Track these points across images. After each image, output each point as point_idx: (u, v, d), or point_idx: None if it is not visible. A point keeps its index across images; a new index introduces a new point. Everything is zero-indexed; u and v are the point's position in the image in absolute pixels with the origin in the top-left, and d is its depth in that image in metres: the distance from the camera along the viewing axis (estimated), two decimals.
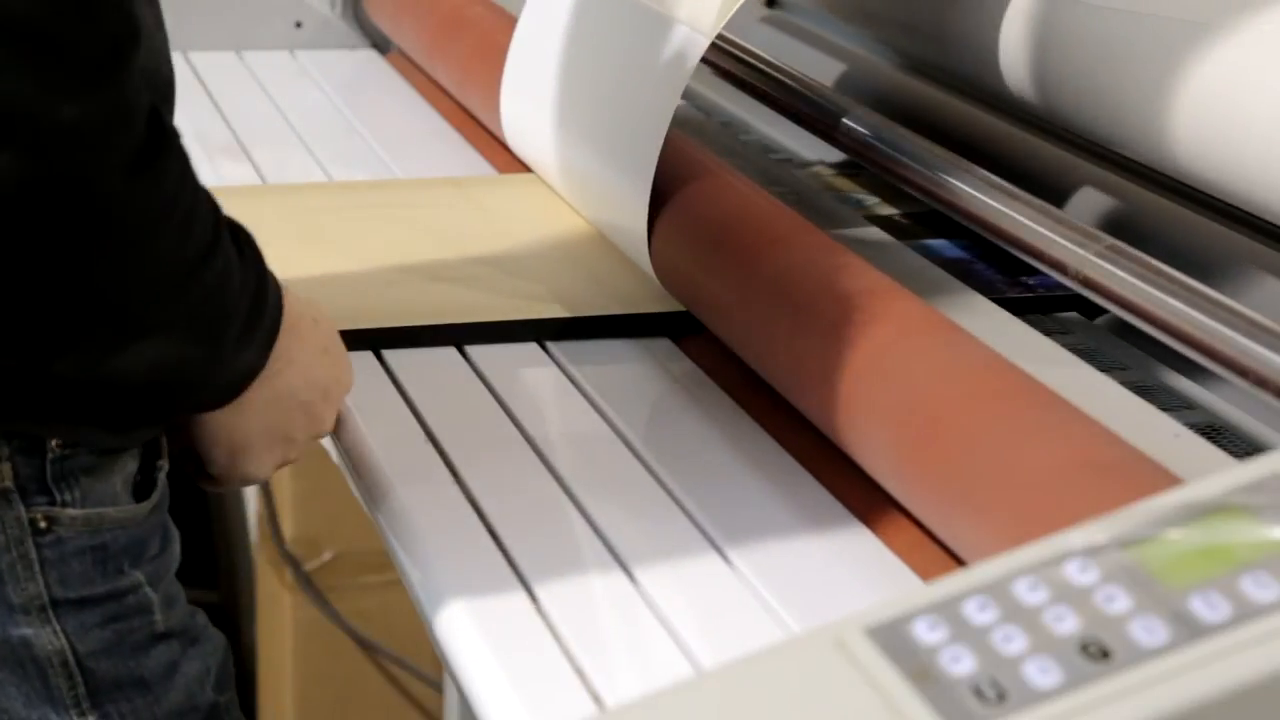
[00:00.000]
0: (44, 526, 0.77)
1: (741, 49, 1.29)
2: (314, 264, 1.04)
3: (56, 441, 0.77)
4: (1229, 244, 1.02)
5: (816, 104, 1.20)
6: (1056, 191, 1.12)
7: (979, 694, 0.50)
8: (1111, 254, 0.91)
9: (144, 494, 0.82)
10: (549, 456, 0.86)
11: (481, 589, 0.74)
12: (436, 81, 1.47)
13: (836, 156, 1.29)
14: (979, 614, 0.52)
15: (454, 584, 0.75)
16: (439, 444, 0.87)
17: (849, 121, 1.16)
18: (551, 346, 0.99)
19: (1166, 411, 0.90)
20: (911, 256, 1.10)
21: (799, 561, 0.78)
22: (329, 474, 1.36)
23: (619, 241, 1.08)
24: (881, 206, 1.21)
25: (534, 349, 0.99)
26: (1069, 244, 0.94)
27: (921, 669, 0.51)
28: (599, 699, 0.67)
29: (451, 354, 0.98)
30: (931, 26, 1.22)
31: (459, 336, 0.99)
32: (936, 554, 0.77)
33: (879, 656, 0.51)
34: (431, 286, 1.04)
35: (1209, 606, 0.51)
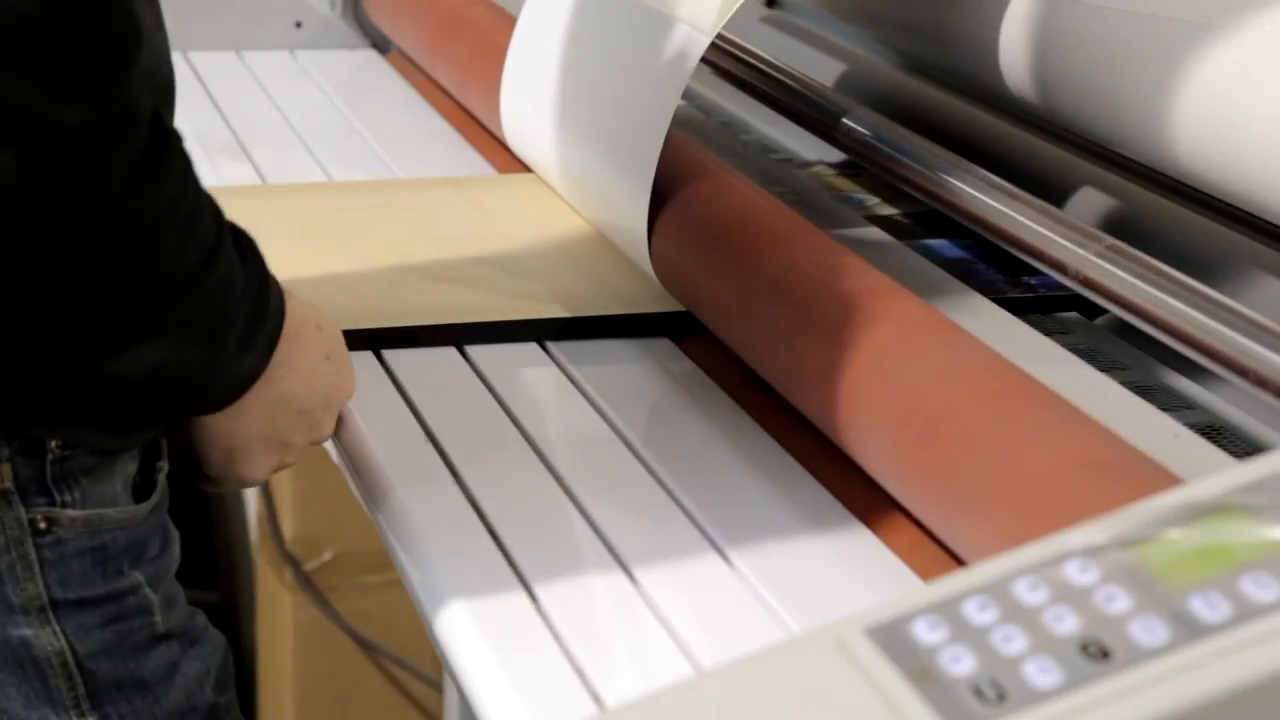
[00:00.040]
0: (44, 527, 0.77)
1: (741, 49, 1.29)
2: (314, 264, 1.04)
3: (56, 443, 0.77)
4: (1229, 244, 1.02)
5: (816, 104, 1.20)
6: (1056, 191, 1.12)
7: (979, 694, 0.50)
8: (1111, 254, 0.91)
9: (144, 495, 0.82)
10: (549, 456, 0.86)
11: (481, 589, 0.74)
12: (436, 81, 1.47)
13: (836, 156, 1.29)
14: (979, 614, 0.52)
15: (454, 584, 0.75)
16: (439, 444, 0.87)
17: (849, 121, 1.16)
18: (551, 346, 0.99)
19: (1166, 411, 0.90)
20: (911, 256, 1.10)
21: (799, 561, 0.78)
22: (329, 474, 1.36)
23: (619, 241, 1.08)
24: (881, 206, 1.21)
25: (534, 349, 0.99)
26: (1069, 244, 0.94)
27: (921, 669, 0.51)
28: (599, 699, 0.67)
29: (451, 354, 0.98)
30: (931, 26, 1.22)
31: (459, 336, 0.99)
32: (937, 554, 0.77)
33: (879, 656, 0.51)
34: (431, 286, 1.04)
35: (1209, 606, 0.51)
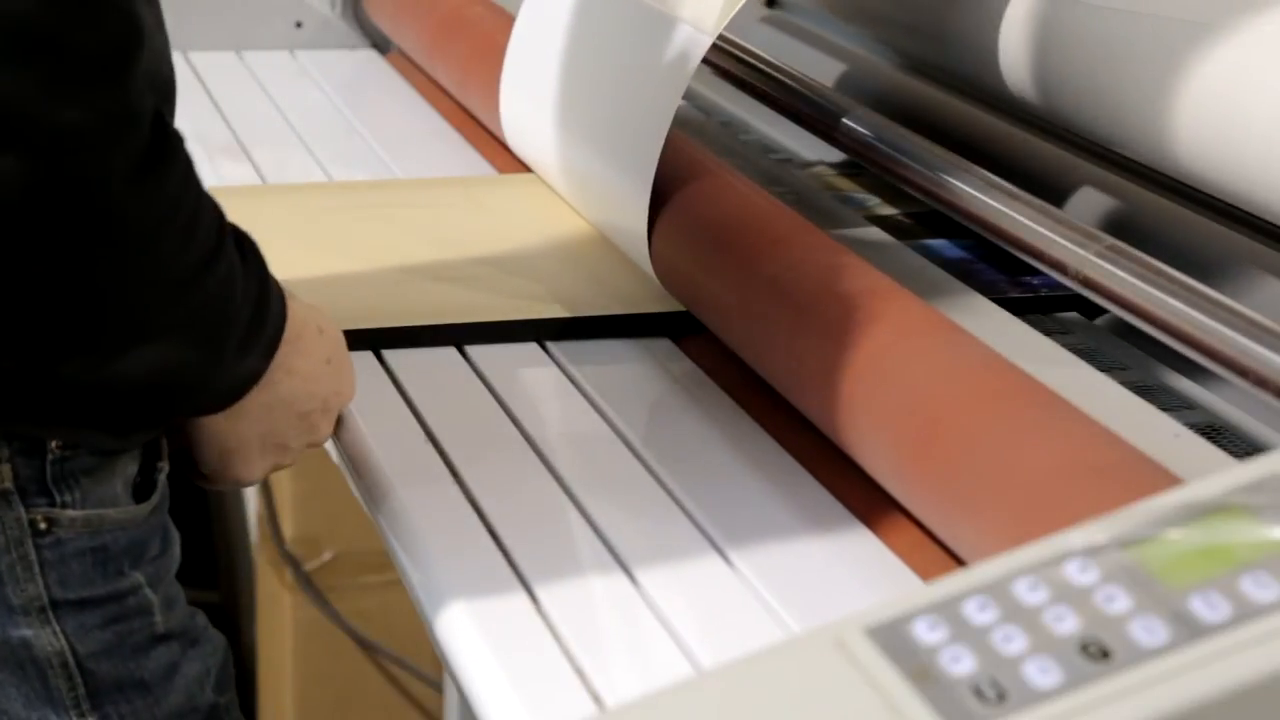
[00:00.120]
0: (44, 528, 0.77)
1: (741, 49, 1.29)
2: (314, 264, 1.05)
3: (57, 443, 0.77)
4: (1229, 244, 1.02)
5: (816, 104, 1.20)
6: (1056, 191, 1.12)
7: (979, 694, 0.50)
8: (1111, 254, 0.91)
9: (144, 495, 0.82)
10: (549, 456, 0.86)
11: (481, 589, 0.74)
12: (436, 81, 1.47)
13: (836, 156, 1.29)
14: (979, 614, 0.52)
15: (454, 584, 0.75)
16: (439, 444, 0.87)
17: (849, 121, 1.16)
18: (551, 346, 0.99)
19: (1166, 411, 0.90)
20: (912, 256, 1.10)
21: (799, 562, 0.78)
22: (329, 474, 1.36)
23: (619, 241, 1.08)
24: (882, 206, 1.21)
25: (534, 349, 0.99)
26: (1069, 244, 0.94)
27: (921, 669, 0.51)
28: (599, 699, 0.67)
29: (451, 354, 0.98)
30: (931, 26, 1.22)
31: (459, 336, 0.99)
32: (937, 554, 0.77)
33: (879, 656, 0.51)
34: (431, 286, 1.04)
35: (1209, 606, 0.51)
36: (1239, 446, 0.88)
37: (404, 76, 1.55)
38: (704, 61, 1.01)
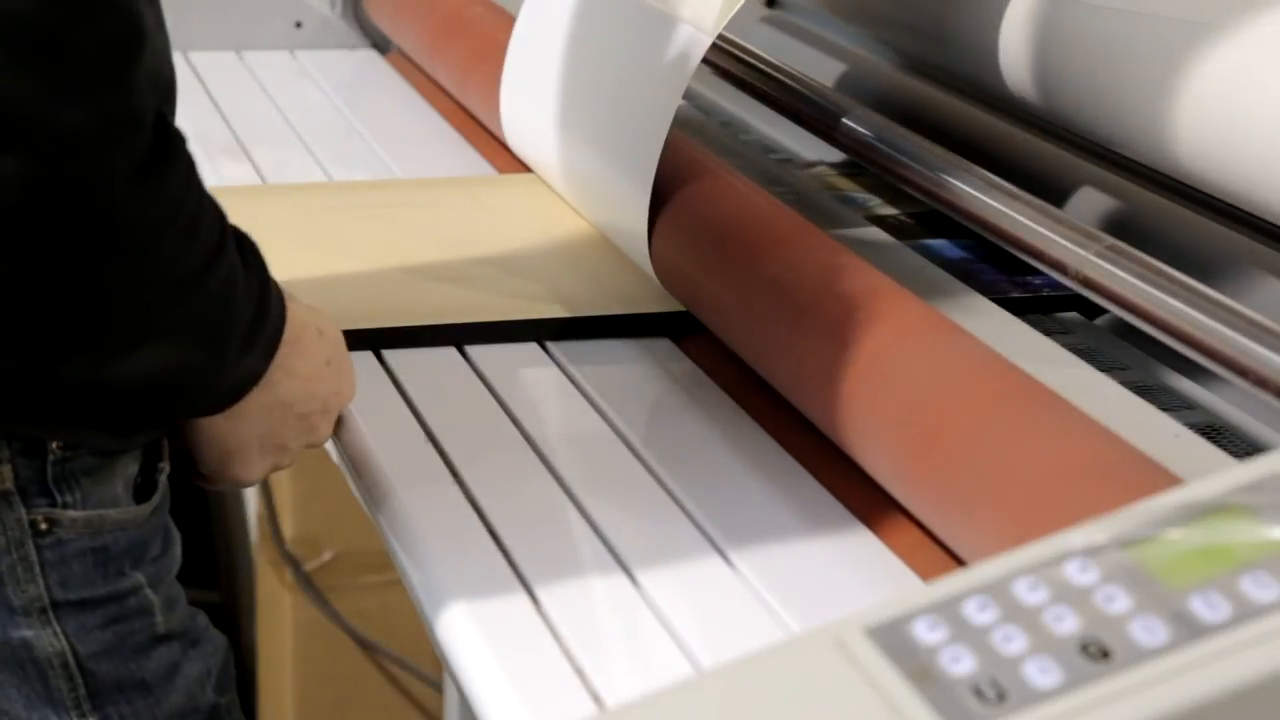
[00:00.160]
0: (45, 528, 0.77)
1: (741, 49, 1.29)
2: (314, 264, 1.04)
3: (57, 443, 0.77)
4: (1229, 244, 1.02)
5: (816, 104, 1.20)
6: (1056, 191, 1.12)
7: (979, 694, 0.50)
8: (1111, 254, 0.91)
9: (145, 496, 0.82)
10: (549, 456, 0.86)
11: (481, 589, 0.74)
12: (436, 81, 1.47)
13: (836, 156, 1.29)
14: (979, 614, 0.52)
15: (454, 584, 0.75)
16: (439, 444, 0.87)
17: (849, 121, 1.16)
18: (551, 346, 0.99)
19: (1166, 411, 0.90)
20: (912, 257, 1.10)
21: (800, 562, 0.78)
22: (329, 474, 1.36)
23: (619, 241, 1.08)
24: (882, 207, 1.21)
25: (534, 349, 0.99)
26: (1069, 244, 0.94)
27: (921, 669, 0.51)
28: (599, 699, 0.67)
29: (451, 354, 0.98)
30: (931, 26, 1.22)
31: (459, 336, 0.99)
32: (938, 555, 0.77)
33: (879, 656, 0.51)
34: (432, 286, 1.04)
35: (1209, 606, 0.51)
36: (1239, 446, 0.88)
37: (404, 76, 1.55)
38: (704, 61, 1.01)
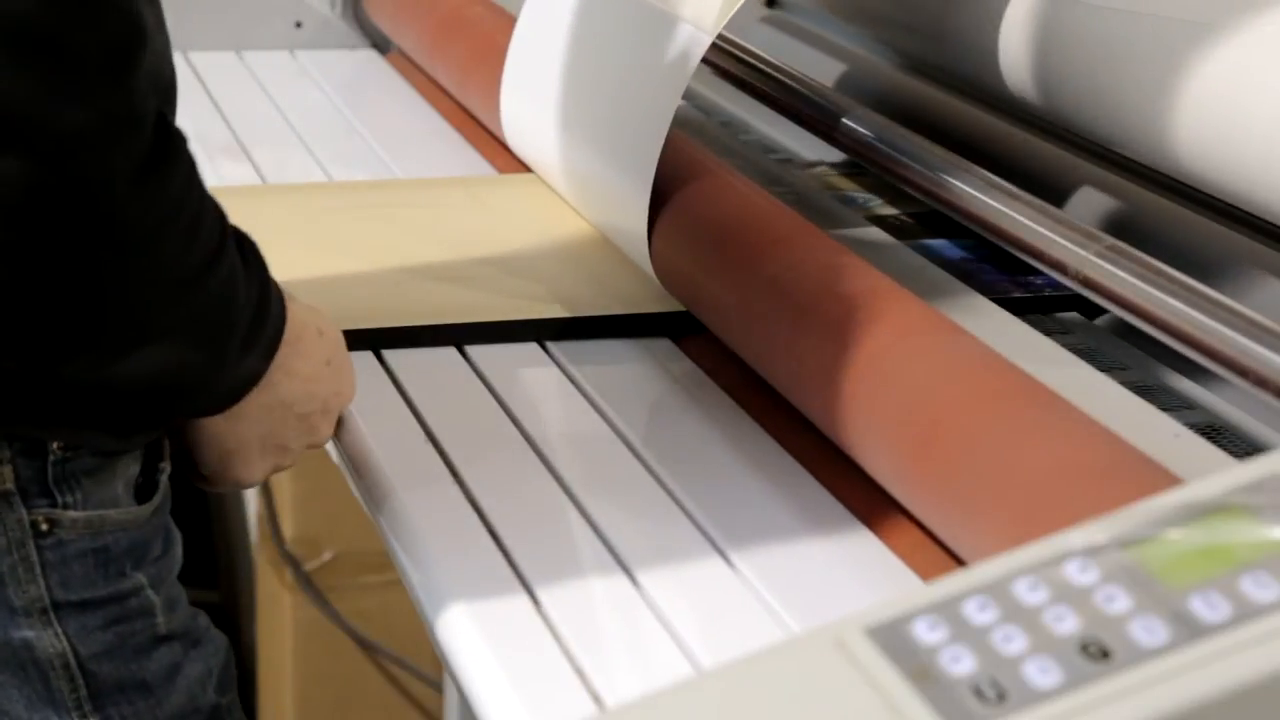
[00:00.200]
0: (45, 529, 0.77)
1: (741, 49, 1.29)
2: (314, 264, 1.05)
3: (58, 444, 0.77)
4: (1229, 244, 1.02)
5: (816, 104, 1.20)
6: (1056, 191, 1.12)
7: (979, 694, 0.50)
8: (1111, 254, 0.91)
9: (146, 496, 0.82)
10: (549, 456, 0.86)
11: (482, 589, 0.74)
12: (436, 81, 1.47)
13: (837, 156, 1.29)
14: (979, 614, 0.52)
15: (454, 584, 0.75)
16: (439, 444, 0.87)
17: (849, 121, 1.16)
18: (551, 346, 0.99)
19: (1166, 411, 0.90)
20: (912, 257, 1.10)
21: (800, 563, 0.78)
22: (329, 474, 1.36)
23: (619, 241, 1.08)
24: (882, 207, 1.21)
25: (534, 349, 0.99)
26: (1069, 244, 0.94)
27: (921, 669, 0.51)
28: (599, 699, 0.67)
29: (451, 354, 0.98)
30: (931, 26, 1.22)
31: (459, 336, 0.99)
32: (938, 555, 0.77)
33: (879, 656, 0.51)
34: (432, 286, 1.04)
35: (1209, 606, 0.51)
36: (1239, 446, 0.88)
37: (404, 76, 1.55)
38: (704, 61, 1.01)
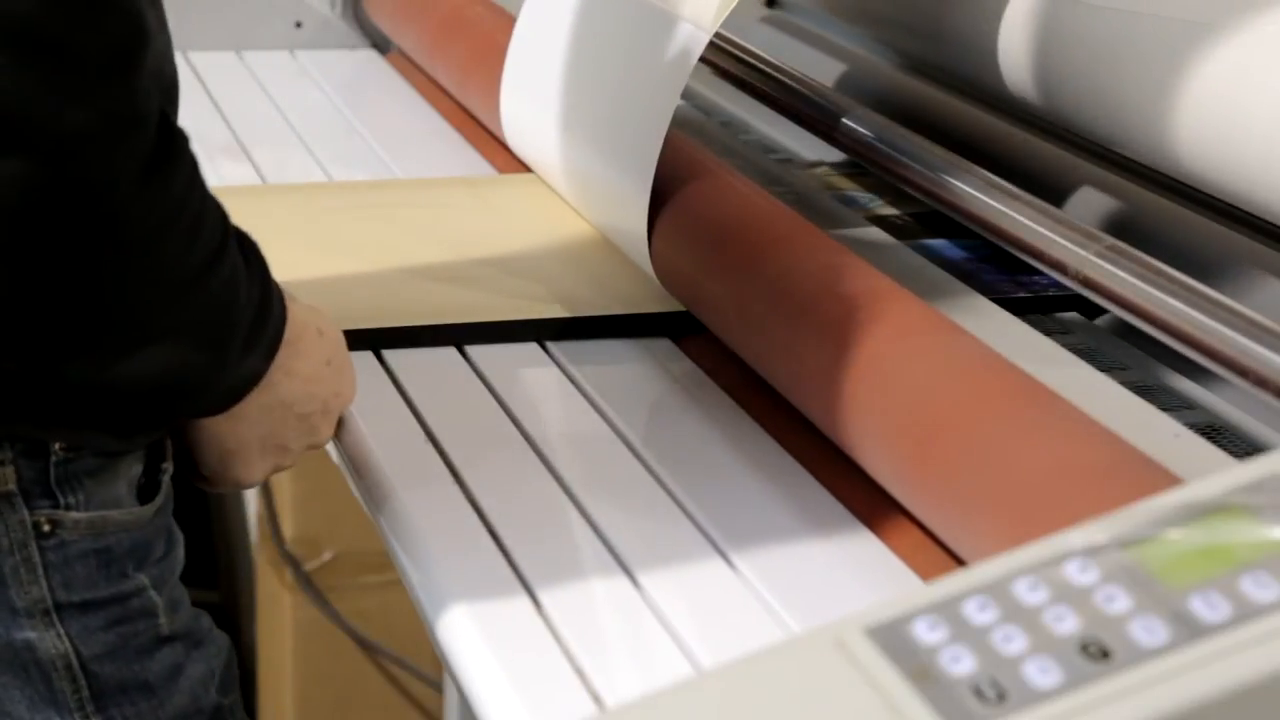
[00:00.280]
0: (47, 530, 0.77)
1: (741, 49, 1.29)
2: (314, 264, 1.05)
3: (60, 444, 0.77)
4: (1229, 244, 1.02)
5: (816, 104, 1.20)
6: (1056, 191, 1.12)
7: (979, 694, 0.50)
8: (1111, 254, 0.91)
9: (148, 497, 0.82)
10: (549, 456, 0.86)
11: (482, 590, 0.74)
12: (436, 81, 1.47)
13: (837, 156, 1.29)
14: (979, 614, 0.52)
15: (454, 584, 0.75)
16: (439, 444, 0.87)
17: (849, 121, 1.16)
18: (551, 346, 0.99)
19: (1166, 411, 0.90)
20: (912, 257, 1.10)
21: (800, 563, 0.78)
22: (329, 474, 1.36)
23: (619, 241, 1.08)
24: (882, 207, 1.21)
25: (534, 349, 0.99)
26: (1069, 244, 0.94)
27: (921, 669, 0.51)
28: (599, 699, 0.67)
29: (451, 354, 0.98)
30: (931, 26, 1.22)
31: (459, 336, 0.99)
32: (939, 556, 0.77)
33: (879, 656, 0.51)
34: (432, 286, 1.04)
35: (1209, 606, 0.51)
36: (1239, 446, 0.88)
37: (404, 76, 1.55)
38: (704, 61, 1.01)
